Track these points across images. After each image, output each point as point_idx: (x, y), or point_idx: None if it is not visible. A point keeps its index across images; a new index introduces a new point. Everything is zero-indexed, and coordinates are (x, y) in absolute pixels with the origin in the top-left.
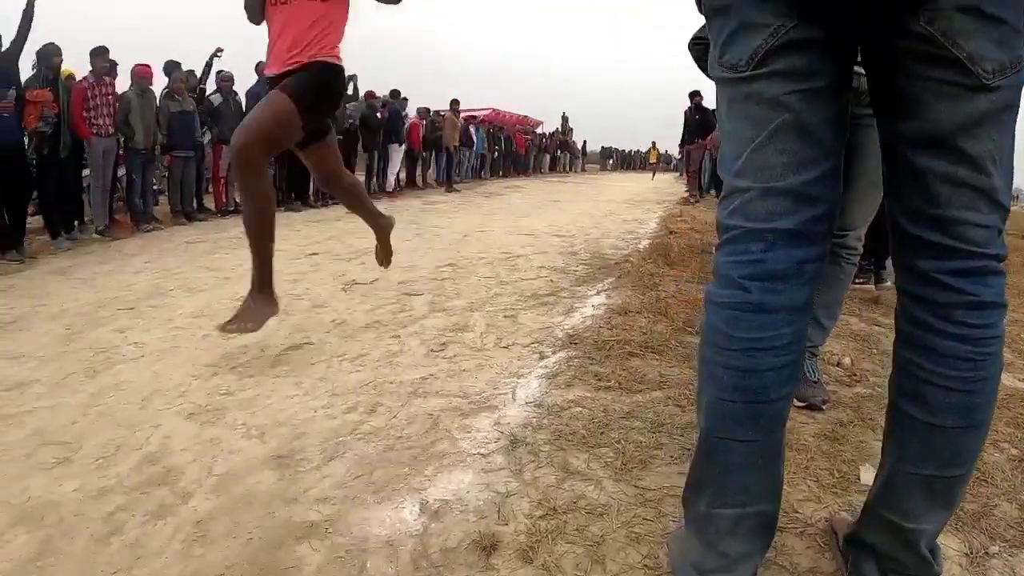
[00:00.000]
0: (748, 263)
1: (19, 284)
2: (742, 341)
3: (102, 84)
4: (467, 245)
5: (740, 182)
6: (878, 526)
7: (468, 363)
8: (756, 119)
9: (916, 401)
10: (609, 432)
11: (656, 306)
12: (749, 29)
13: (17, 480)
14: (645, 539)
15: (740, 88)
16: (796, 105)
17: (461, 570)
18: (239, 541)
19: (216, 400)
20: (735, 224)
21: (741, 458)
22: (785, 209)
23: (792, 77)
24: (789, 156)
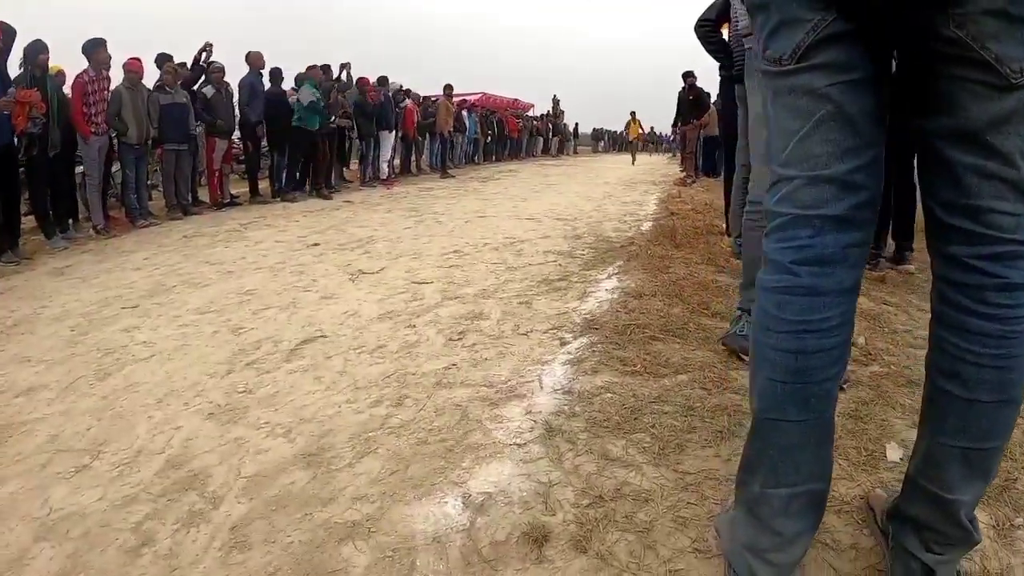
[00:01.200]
0: (797, 248)
1: (17, 286)
2: (793, 324)
3: (101, 79)
4: (470, 231)
5: (787, 171)
6: (919, 498)
7: (489, 352)
8: (800, 111)
9: (952, 378)
10: (642, 417)
11: (670, 289)
12: (790, 24)
13: (36, 492)
14: (692, 523)
15: (784, 81)
16: (838, 97)
17: (514, 563)
18: (279, 545)
19: (235, 398)
20: (783, 211)
21: (793, 438)
22: (831, 196)
23: (833, 70)
24: (833, 146)
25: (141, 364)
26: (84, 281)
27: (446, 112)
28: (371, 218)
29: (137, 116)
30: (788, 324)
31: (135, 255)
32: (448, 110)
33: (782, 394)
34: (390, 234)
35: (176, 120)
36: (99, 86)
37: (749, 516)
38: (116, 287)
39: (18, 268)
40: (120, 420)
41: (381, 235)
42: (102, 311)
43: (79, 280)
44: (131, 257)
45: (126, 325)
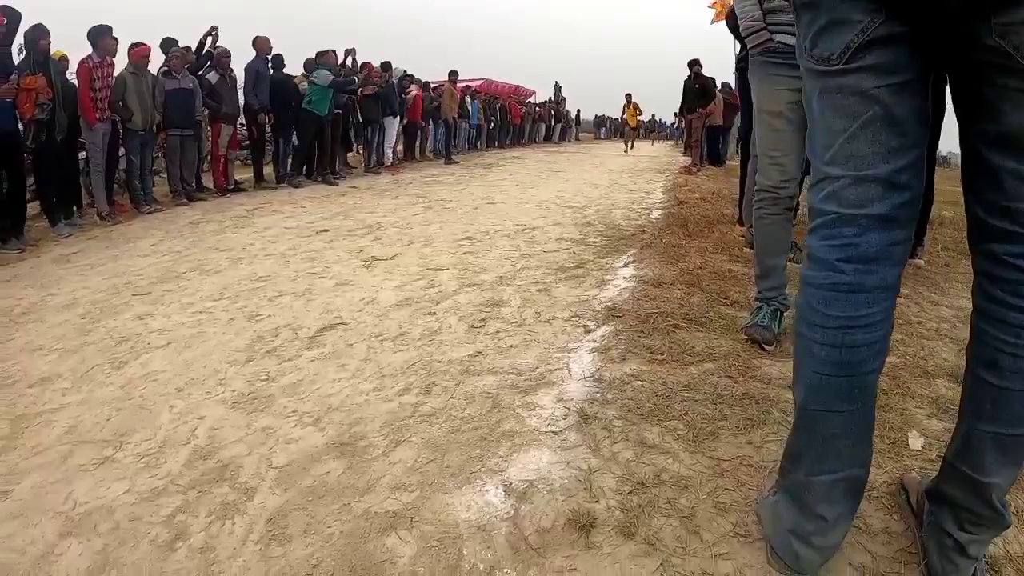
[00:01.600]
0: (842, 247)
1: (23, 273)
2: (838, 319)
3: (105, 65)
4: (479, 217)
5: (832, 170)
6: (955, 479)
7: (513, 339)
8: (847, 111)
9: (989, 367)
10: (673, 405)
11: (688, 278)
12: (839, 25)
13: (59, 485)
14: (731, 508)
15: (831, 81)
16: (885, 98)
17: (563, 550)
18: (320, 537)
19: (258, 387)
20: (829, 209)
21: (837, 428)
22: (876, 195)
23: (881, 71)
24: (879, 146)
25: (157, 352)
26: (92, 268)
27: (450, 98)
28: (379, 204)
29: (142, 102)
30: (834, 320)
31: (142, 241)
32: (453, 96)
33: (827, 386)
34: (399, 220)
35: (181, 105)
36: (104, 72)
37: (793, 502)
38: (125, 274)
39: (23, 255)
40: (141, 410)
41: (390, 221)
42: (112, 298)
43: (87, 267)
44: (138, 243)
45: (138, 312)
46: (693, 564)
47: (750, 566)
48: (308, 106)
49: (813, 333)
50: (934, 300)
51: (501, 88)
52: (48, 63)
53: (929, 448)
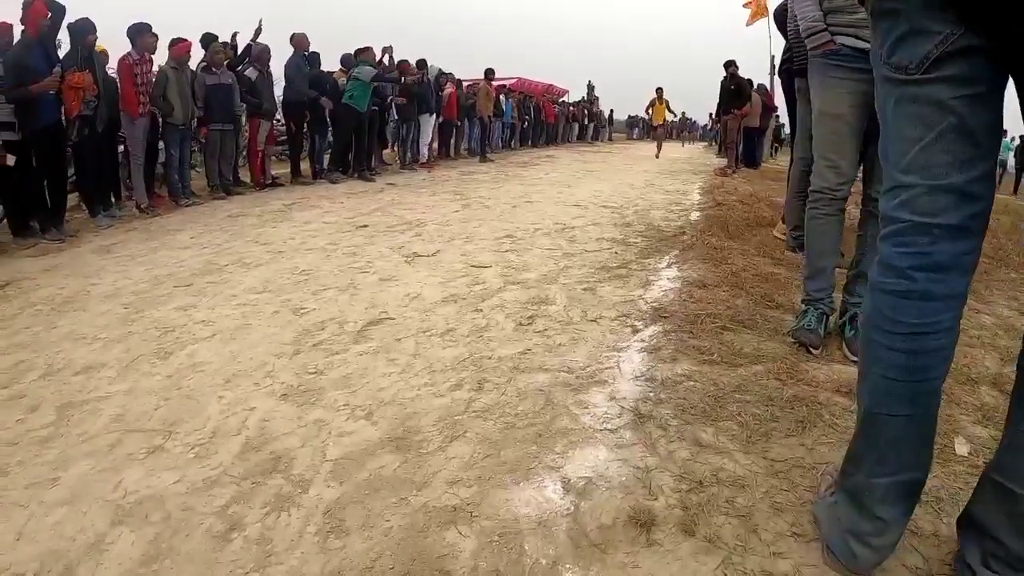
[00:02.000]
0: (914, 255)
1: (64, 263)
2: (908, 325)
3: (144, 61)
4: (518, 216)
5: (906, 178)
6: (991, 495)
7: (561, 337)
8: (923, 120)
9: None
10: (726, 406)
11: (732, 280)
12: (919, 35)
13: (108, 474)
14: (787, 508)
15: (907, 89)
16: (961, 109)
17: (624, 546)
18: (378, 531)
19: (307, 380)
20: (902, 217)
21: (900, 431)
22: (949, 205)
23: (958, 82)
24: (953, 156)
25: (203, 343)
26: (132, 259)
27: (486, 96)
28: (417, 201)
29: (183, 97)
30: (904, 326)
31: (181, 234)
32: (488, 94)
33: (893, 390)
34: (439, 217)
35: (221, 101)
36: (144, 68)
37: (852, 502)
38: (166, 265)
39: (63, 246)
40: (189, 400)
41: (429, 218)
42: (154, 289)
43: (127, 258)
44: (177, 236)
45: (182, 304)
46: (753, 562)
47: (807, 564)
48: (349, 101)
49: (882, 338)
50: (975, 308)
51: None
52: (93, 58)
53: (976, 454)
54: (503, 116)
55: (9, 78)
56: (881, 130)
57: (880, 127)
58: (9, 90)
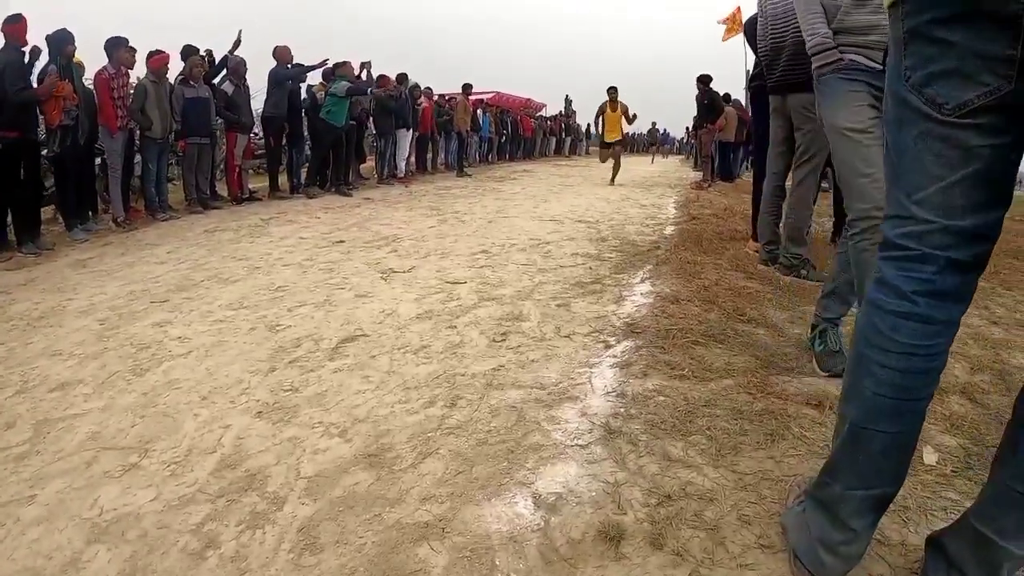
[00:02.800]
0: (920, 280)
1: (40, 277)
2: (904, 346)
3: (121, 75)
4: (494, 231)
5: (920, 212)
6: (966, 537)
7: (534, 353)
8: (948, 162)
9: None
10: (696, 420)
11: (704, 295)
12: (965, 78)
13: (84, 491)
14: (755, 521)
15: (936, 128)
16: (988, 157)
17: (593, 561)
18: (352, 547)
19: (282, 397)
20: (910, 246)
21: (883, 447)
22: (960, 243)
23: (991, 131)
24: (972, 200)
25: (179, 360)
26: (108, 274)
27: (463, 111)
28: (393, 216)
29: (161, 110)
30: (900, 346)
31: (158, 248)
32: (466, 109)
33: (881, 407)
34: (415, 233)
35: (200, 114)
36: (120, 82)
37: (823, 512)
38: (142, 280)
39: (39, 259)
40: (165, 418)
41: (406, 233)
42: (130, 305)
43: (103, 272)
44: (154, 250)
45: (158, 319)
46: (720, 574)
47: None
48: (326, 116)
49: (876, 355)
50: None
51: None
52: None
53: (944, 463)
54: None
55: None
56: (890, 150)
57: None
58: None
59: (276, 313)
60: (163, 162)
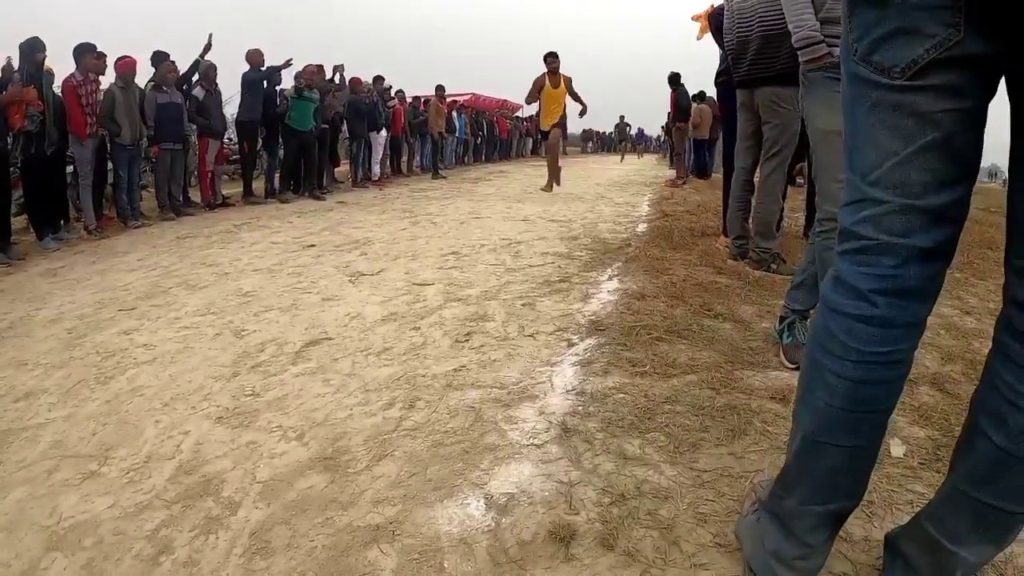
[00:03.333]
0: (879, 277)
1: (9, 288)
2: (861, 353)
3: (89, 82)
4: (466, 232)
5: (876, 193)
6: (918, 539)
7: (497, 353)
8: (902, 132)
9: (996, 422)
10: (655, 417)
11: (671, 290)
12: (911, 35)
13: (44, 500)
14: (711, 519)
15: (887, 95)
16: (947, 125)
17: (542, 562)
18: (302, 551)
19: (243, 402)
20: (866, 235)
21: (839, 462)
22: (921, 226)
23: (947, 94)
24: (932, 175)
25: (143, 367)
26: (78, 283)
27: (437, 113)
28: (366, 219)
29: (130, 116)
30: (857, 353)
31: (129, 256)
32: (439, 111)
33: (837, 420)
34: (386, 235)
35: (172, 119)
36: (88, 89)
37: (779, 526)
38: (111, 289)
39: (10, 269)
40: (126, 425)
41: (377, 236)
42: (99, 313)
43: (73, 281)
44: (125, 258)
45: (125, 327)
46: (673, 574)
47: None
48: (289, 121)
49: (830, 363)
50: None
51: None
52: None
53: (911, 455)
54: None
55: None
56: (847, 135)
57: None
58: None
59: (242, 318)
60: (135, 169)
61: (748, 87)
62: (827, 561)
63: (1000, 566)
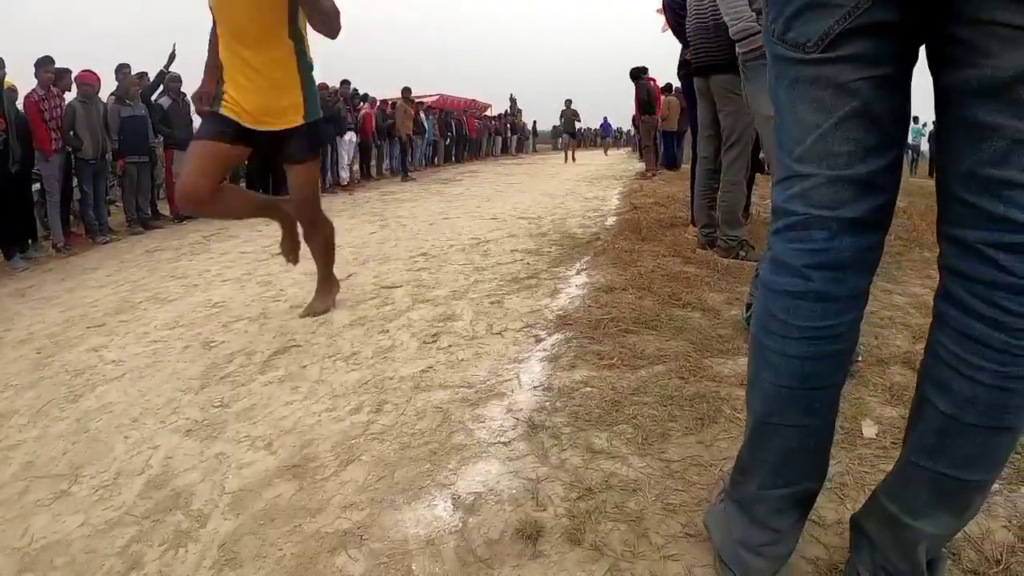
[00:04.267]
0: (812, 252)
1: None
2: (803, 330)
3: (52, 96)
4: (435, 233)
5: (802, 168)
6: (878, 516)
7: (464, 352)
8: (822, 105)
9: (940, 390)
10: (623, 409)
11: (639, 282)
12: (820, 7)
13: (15, 522)
14: (681, 509)
15: (805, 70)
16: (865, 92)
17: (510, 560)
18: (271, 560)
19: (212, 413)
20: (796, 210)
21: (794, 442)
22: (850, 197)
23: (862, 62)
24: (856, 144)
25: (113, 383)
26: (47, 301)
27: (404, 115)
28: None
29: (92, 130)
30: (798, 330)
31: (98, 272)
32: (407, 113)
33: (787, 399)
34: (355, 240)
35: (137, 132)
36: (51, 103)
37: (742, 513)
38: (80, 306)
39: None
40: (96, 442)
41: (346, 241)
42: (68, 331)
43: (42, 300)
44: (94, 275)
45: (94, 344)
46: (641, 567)
47: (700, 565)
48: None
49: (774, 343)
50: (887, 289)
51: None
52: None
53: (883, 436)
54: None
55: None
56: (774, 116)
57: (774, 113)
58: None
59: (211, 330)
60: (100, 184)
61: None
62: (800, 545)
63: (977, 542)
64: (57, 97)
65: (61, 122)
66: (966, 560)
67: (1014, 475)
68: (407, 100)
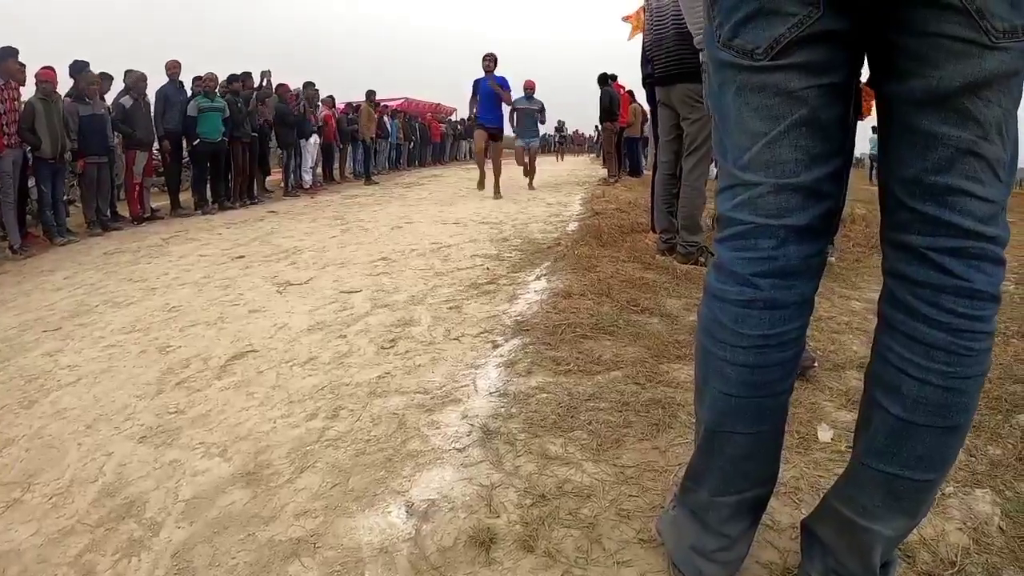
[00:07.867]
0: (759, 260)
1: None
2: (751, 338)
3: (9, 89)
4: (396, 238)
5: (748, 176)
6: (831, 520)
7: (421, 358)
8: (769, 113)
9: (889, 392)
10: (578, 415)
11: (598, 287)
12: (770, 15)
13: None
14: (635, 515)
15: (752, 77)
16: (813, 100)
17: (463, 568)
18: (223, 569)
19: (167, 420)
20: (743, 219)
21: (745, 449)
22: (796, 205)
23: (811, 71)
24: (803, 152)
25: (67, 389)
26: (2, 304)
27: (368, 118)
28: (296, 228)
29: (51, 129)
30: (747, 339)
31: (55, 275)
32: (370, 116)
33: (736, 408)
34: (316, 244)
35: (97, 132)
36: (8, 95)
37: (695, 520)
38: (36, 309)
39: None
40: (50, 449)
41: (307, 245)
42: (22, 336)
43: None
44: (51, 277)
45: (49, 349)
46: (595, 573)
47: (653, 572)
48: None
49: (723, 352)
50: (845, 295)
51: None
52: None
53: (838, 440)
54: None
55: None
56: (716, 122)
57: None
58: None
59: (168, 334)
60: (58, 184)
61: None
62: (754, 550)
63: (932, 544)
64: (15, 90)
65: (16, 116)
66: (920, 562)
67: (968, 477)
68: (371, 103)
